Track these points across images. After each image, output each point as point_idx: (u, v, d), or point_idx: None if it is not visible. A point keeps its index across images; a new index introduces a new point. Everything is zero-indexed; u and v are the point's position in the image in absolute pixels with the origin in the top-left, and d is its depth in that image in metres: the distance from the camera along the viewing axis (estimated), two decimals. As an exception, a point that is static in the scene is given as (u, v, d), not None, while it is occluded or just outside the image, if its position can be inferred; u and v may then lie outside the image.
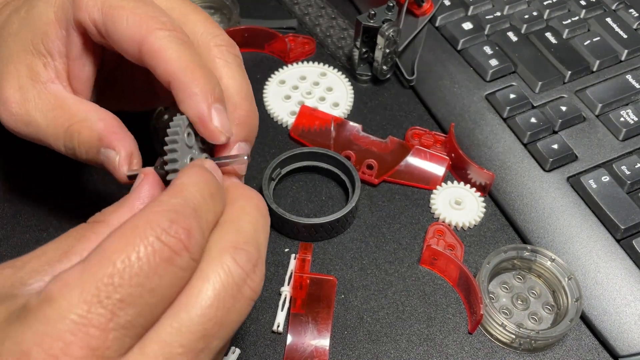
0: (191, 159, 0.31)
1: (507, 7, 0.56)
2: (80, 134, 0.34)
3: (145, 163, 0.34)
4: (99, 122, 0.34)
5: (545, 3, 0.56)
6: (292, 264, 0.43)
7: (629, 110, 0.48)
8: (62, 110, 0.35)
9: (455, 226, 0.45)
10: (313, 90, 0.54)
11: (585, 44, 0.53)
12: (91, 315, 0.22)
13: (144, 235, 0.24)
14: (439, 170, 0.48)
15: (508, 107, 0.49)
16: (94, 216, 0.29)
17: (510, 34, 0.54)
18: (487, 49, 0.53)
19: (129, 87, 0.42)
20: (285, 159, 0.47)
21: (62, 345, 0.22)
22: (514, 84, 0.51)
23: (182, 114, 0.31)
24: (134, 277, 0.23)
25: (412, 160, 0.48)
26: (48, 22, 0.35)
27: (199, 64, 0.31)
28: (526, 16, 0.55)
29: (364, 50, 0.53)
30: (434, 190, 0.47)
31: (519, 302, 0.42)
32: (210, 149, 0.34)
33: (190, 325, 0.24)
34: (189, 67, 0.31)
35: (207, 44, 0.34)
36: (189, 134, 0.31)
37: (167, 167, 0.30)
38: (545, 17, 0.56)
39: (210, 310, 0.25)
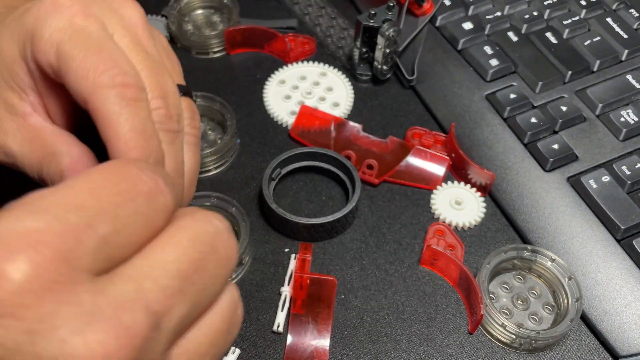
0: None
1: (507, 7, 0.56)
2: (49, 167, 0.34)
3: None
4: (65, 158, 0.34)
5: (545, 3, 0.56)
6: (292, 264, 0.43)
7: (630, 110, 0.48)
8: (38, 142, 0.35)
9: (455, 226, 0.45)
10: (313, 90, 0.54)
11: (586, 44, 0.53)
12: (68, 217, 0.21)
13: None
14: (439, 170, 0.48)
15: (508, 107, 0.49)
16: None
17: (511, 34, 0.54)
18: (488, 49, 0.53)
19: None
20: (285, 159, 0.47)
21: (34, 237, 0.20)
22: (514, 84, 0.51)
23: None
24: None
25: (412, 160, 0.48)
26: (14, 59, 0.34)
27: (139, 133, 0.31)
28: (526, 16, 0.55)
29: (364, 50, 0.53)
30: (434, 191, 0.47)
31: (519, 302, 0.42)
32: None
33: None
34: (123, 139, 0.30)
35: None
36: None
37: None
38: (545, 17, 0.56)
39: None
